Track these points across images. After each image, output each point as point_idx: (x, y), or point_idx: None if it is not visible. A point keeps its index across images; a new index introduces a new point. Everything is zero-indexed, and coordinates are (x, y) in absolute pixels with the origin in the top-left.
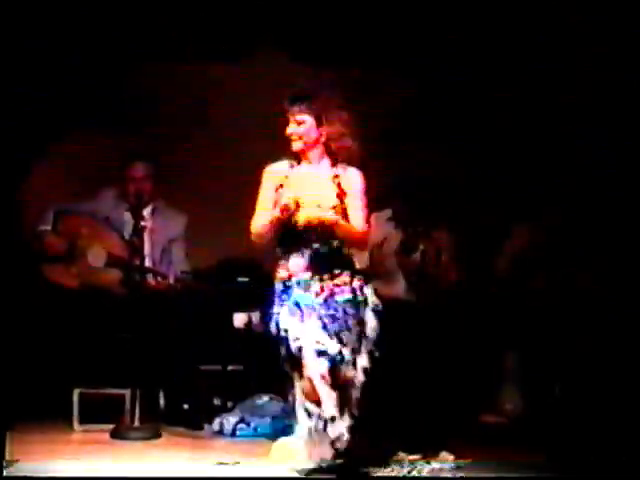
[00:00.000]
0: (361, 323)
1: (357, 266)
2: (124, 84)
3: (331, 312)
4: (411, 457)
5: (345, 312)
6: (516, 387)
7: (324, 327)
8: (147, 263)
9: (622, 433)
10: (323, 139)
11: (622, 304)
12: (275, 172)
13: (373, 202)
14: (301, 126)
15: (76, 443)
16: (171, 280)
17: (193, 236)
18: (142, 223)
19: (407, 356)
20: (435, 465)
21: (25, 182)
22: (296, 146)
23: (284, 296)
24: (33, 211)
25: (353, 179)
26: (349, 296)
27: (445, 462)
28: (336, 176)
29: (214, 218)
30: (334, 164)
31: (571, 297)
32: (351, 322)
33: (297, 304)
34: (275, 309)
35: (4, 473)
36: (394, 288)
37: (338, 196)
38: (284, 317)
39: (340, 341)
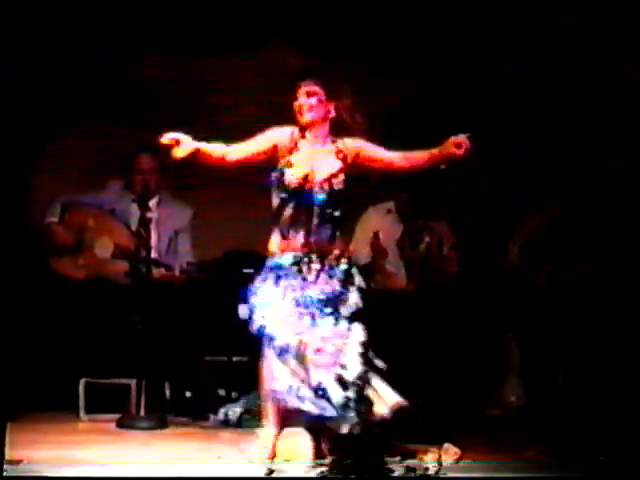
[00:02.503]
0: None
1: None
2: (130, 75)
3: None
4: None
5: None
6: (519, 379)
7: None
8: (153, 254)
9: (625, 428)
10: (331, 114)
11: (625, 296)
12: (283, 133)
13: (375, 195)
14: (311, 97)
15: (82, 433)
16: (177, 271)
17: (199, 227)
18: (148, 214)
19: (409, 348)
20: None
21: (32, 175)
22: (306, 117)
23: None
24: (40, 203)
25: (354, 141)
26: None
27: (448, 455)
28: (339, 151)
29: (220, 209)
30: (335, 141)
31: (575, 289)
32: None
33: None
34: None
35: (4, 473)
36: (396, 280)
37: (344, 171)
38: None
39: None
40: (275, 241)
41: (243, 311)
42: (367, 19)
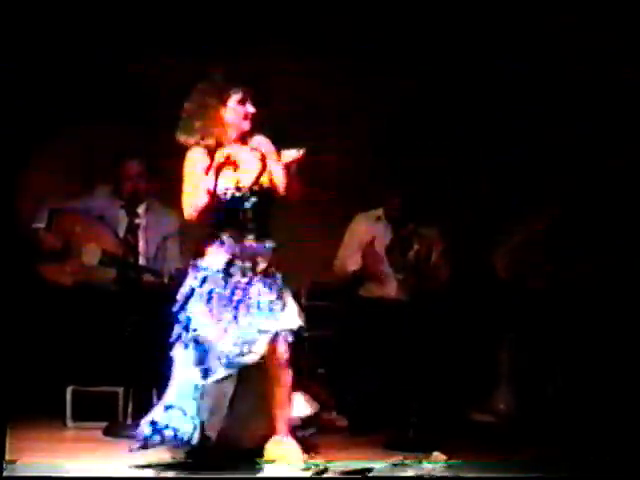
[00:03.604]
0: None
1: None
2: (118, 81)
3: None
4: (397, 459)
5: None
6: (509, 387)
7: None
8: (141, 261)
9: (617, 432)
10: None
11: (625, 297)
12: (202, 154)
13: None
14: (253, 106)
15: (69, 440)
16: (165, 278)
17: (187, 234)
18: (136, 221)
19: (400, 355)
20: (427, 465)
21: (19, 180)
22: (249, 125)
23: None
24: (28, 209)
25: (265, 143)
26: None
27: (437, 462)
28: (253, 148)
29: None
30: (245, 140)
31: (567, 293)
32: None
33: None
34: None
35: (4, 473)
36: (386, 287)
37: (263, 164)
38: None
39: None
40: (210, 243)
41: None
42: (367, 19)
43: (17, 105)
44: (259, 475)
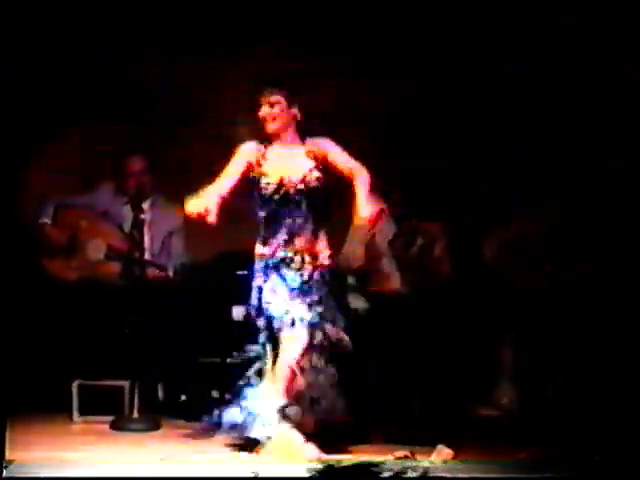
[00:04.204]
0: None
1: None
2: (123, 78)
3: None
4: (402, 453)
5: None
6: (512, 381)
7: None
8: (146, 256)
9: (619, 429)
10: (298, 118)
11: (624, 296)
12: (250, 150)
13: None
14: (275, 107)
15: (76, 434)
16: (170, 273)
17: (192, 229)
18: (142, 216)
19: (403, 349)
20: (426, 464)
21: (25, 176)
22: (271, 128)
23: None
24: (33, 205)
25: (323, 142)
26: None
27: (441, 457)
28: (309, 151)
29: None
30: (304, 141)
31: (568, 291)
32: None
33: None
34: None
35: (4, 473)
36: (389, 282)
37: (317, 168)
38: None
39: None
40: (261, 244)
41: (237, 313)
42: (367, 19)
43: (17, 105)
44: (261, 475)
